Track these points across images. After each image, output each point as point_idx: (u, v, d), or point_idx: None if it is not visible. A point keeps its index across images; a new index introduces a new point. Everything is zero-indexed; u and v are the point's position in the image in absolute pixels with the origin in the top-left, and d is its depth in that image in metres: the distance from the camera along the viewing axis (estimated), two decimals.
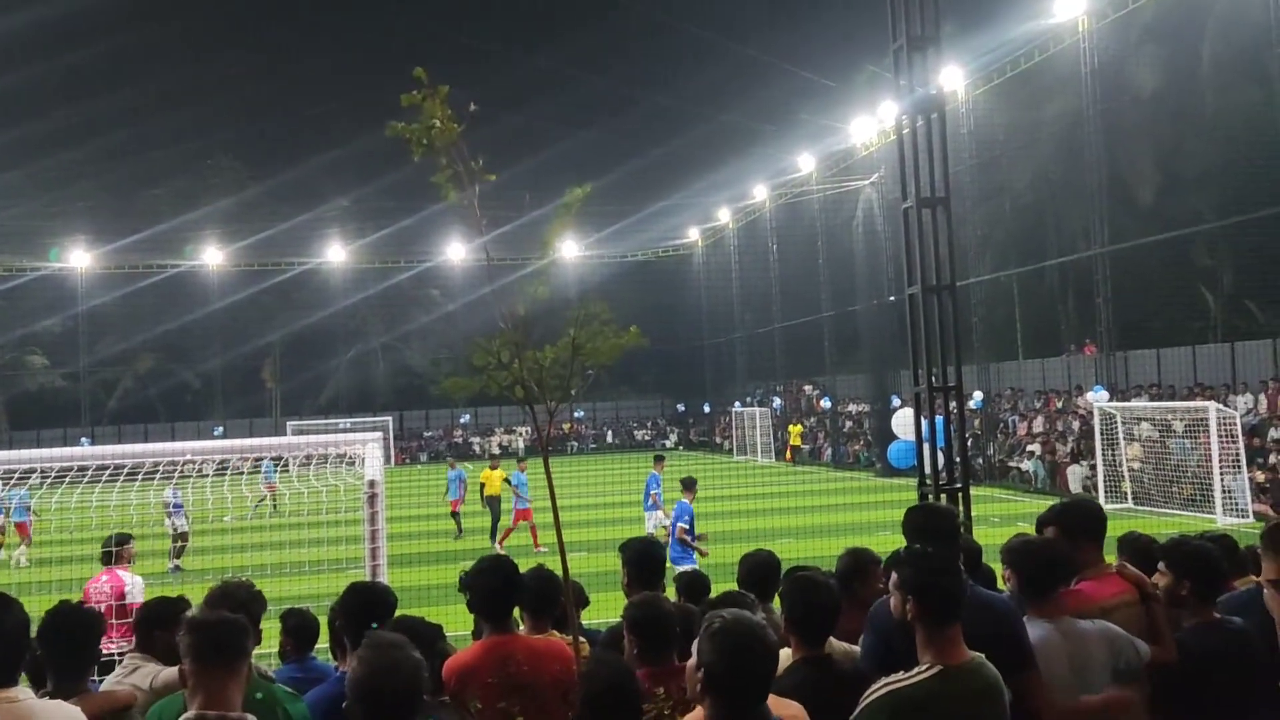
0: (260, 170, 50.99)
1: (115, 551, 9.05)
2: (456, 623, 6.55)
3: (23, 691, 3.42)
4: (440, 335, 65.07)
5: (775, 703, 3.47)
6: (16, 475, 9.03)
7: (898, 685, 3.47)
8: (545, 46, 49.31)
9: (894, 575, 3.75)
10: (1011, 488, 30.44)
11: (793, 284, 51.80)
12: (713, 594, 5.95)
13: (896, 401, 34.13)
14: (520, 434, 60.82)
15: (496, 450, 60.29)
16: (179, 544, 20.82)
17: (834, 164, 46.26)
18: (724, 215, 58.66)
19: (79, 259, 58.04)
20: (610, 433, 64.63)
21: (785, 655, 4.34)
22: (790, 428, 48.23)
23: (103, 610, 7.33)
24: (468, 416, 64.66)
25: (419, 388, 64.84)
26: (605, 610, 5.80)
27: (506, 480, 22.53)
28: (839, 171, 45.74)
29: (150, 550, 19.06)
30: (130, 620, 7.34)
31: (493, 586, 4.51)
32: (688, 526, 14.37)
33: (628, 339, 4.94)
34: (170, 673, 4.58)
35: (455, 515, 24.41)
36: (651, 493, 18.98)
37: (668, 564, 6.95)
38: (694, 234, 63.45)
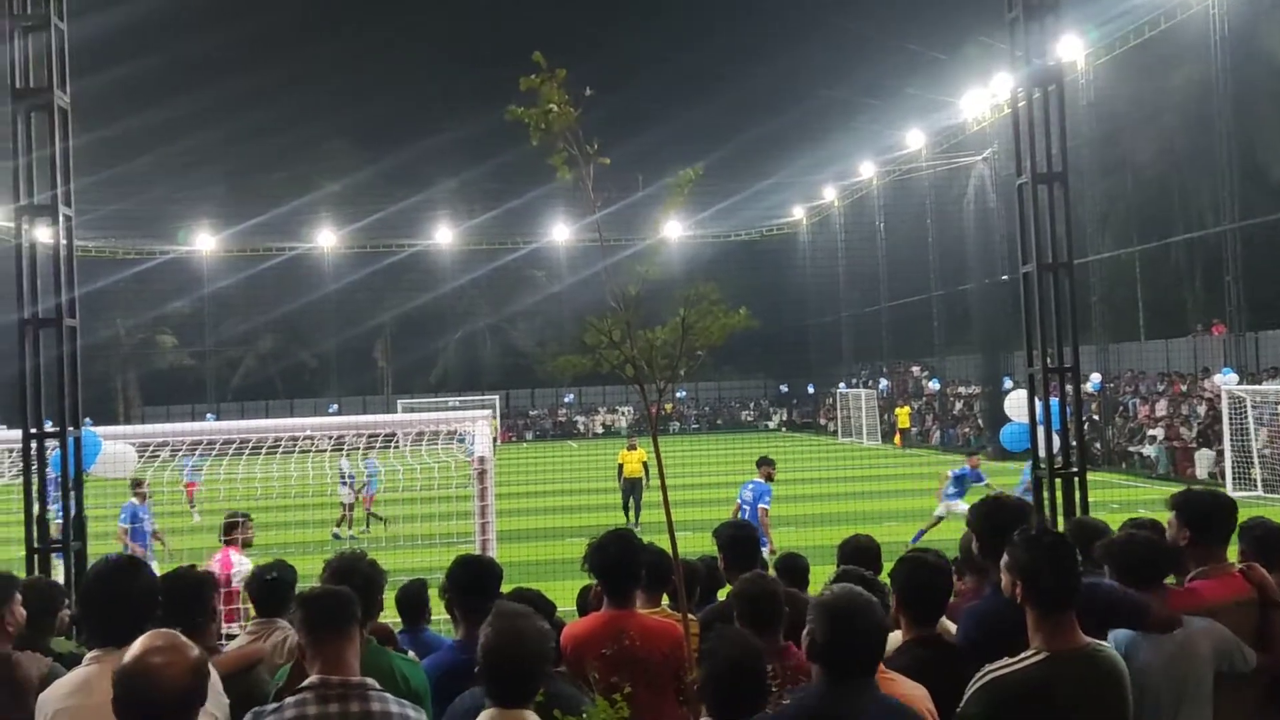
0: (372, 154, 52.19)
1: (232, 524, 9.25)
2: (564, 598, 6.66)
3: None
4: (546, 316, 65.89)
5: (899, 682, 3.46)
6: (185, 447, 9.43)
7: (1002, 672, 3.41)
8: (648, 26, 49.13)
9: (1005, 556, 3.70)
10: (1132, 474, 29.39)
11: (900, 263, 50.80)
12: (811, 577, 5.95)
13: (1009, 383, 33.25)
14: (623, 413, 61.26)
15: (600, 430, 60.93)
16: (347, 513, 21.77)
17: (944, 140, 45.10)
18: (829, 193, 57.82)
19: (204, 242, 60.58)
20: (712, 412, 64.62)
21: (895, 637, 4.33)
22: (897, 410, 47.40)
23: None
24: (572, 396, 65.41)
25: (525, 367, 65.82)
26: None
27: (644, 463, 22.48)
28: (949, 147, 44.58)
29: (309, 520, 19.63)
30: (236, 606, 7.68)
31: (614, 560, 4.59)
32: (768, 506, 13.98)
33: (737, 320, 4.95)
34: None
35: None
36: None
37: None
38: (798, 213, 62.73)
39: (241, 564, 9.27)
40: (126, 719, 2.67)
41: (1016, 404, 12.75)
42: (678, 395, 62.15)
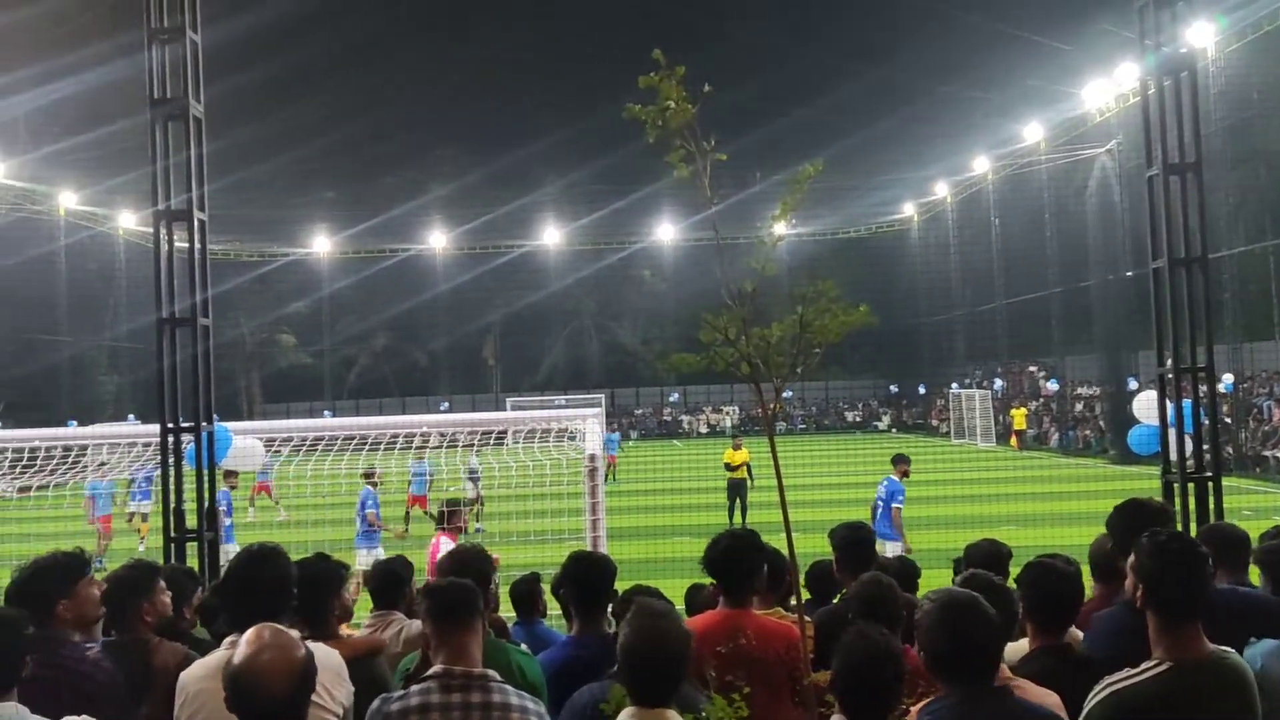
0: (481, 157, 53.13)
1: (447, 513, 9.48)
2: (672, 597, 6.65)
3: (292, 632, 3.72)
4: (651, 314, 66.19)
5: (1028, 689, 3.35)
6: (313, 442, 9.75)
7: (1122, 684, 3.25)
8: (765, 22, 48.72)
9: (1130, 558, 3.54)
10: (1266, 479, 27.97)
11: (1017, 259, 49.37)
12: (920, 581, 5.83)
13: (1133, 384, 32.02)
14: (728, 413, 61.07)
15: (705, 429, 60.87)
16: (475, 507, 22.18)
17: (1064, 132, 43.63)
18: (941, 189, 56.57)
19: (321, 245, 62.74)
20: (818, 413, 63.88)
21: (1021, 646, 4.20)
22: (1013, 411, 46.08)
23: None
24: (677, 395, 65.49)
25: (630, 365, 66.22)
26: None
27: (747, 465, 22.44)
28: (1070, 140, 43.11)
29: (421, 515, 20.01)
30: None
31: (733, 559, 4.56)
32: (901, 505, 13.92)
33: (856, 318, 4.87)
34: (416, 625, 4.90)
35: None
36: (893, 506, 14.23)
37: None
38: (909, 209, 61.56)
39: (449, 547, 9.44)
40: (239, 714, 2.75)
41: (1145, 405, 12.25)
42: (784, 395, 61.49)
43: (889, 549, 13.26)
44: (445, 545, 9.41)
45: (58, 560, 4.23)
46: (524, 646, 4.90)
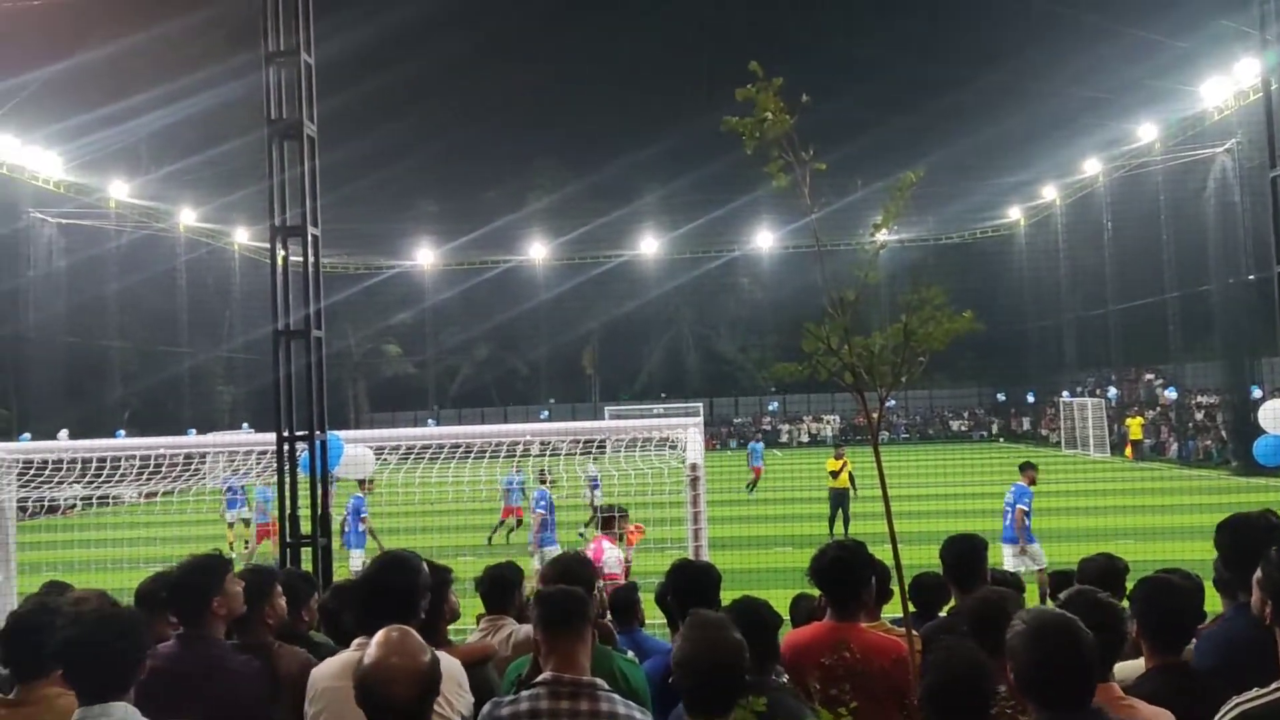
0: (580, 169, 53.86)
1: (605, 518, 9.62)
2: (779, 608, 6.60)
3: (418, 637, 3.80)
4: (749, 322, 65.97)
5: (1138, 708, 3.24)
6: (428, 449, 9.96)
7: (1252, 704, 3.09)
8: (864, 31, 48.34)
9: (1259, 572, 3.39)
10: None
11: (1129, 263, 47.66)
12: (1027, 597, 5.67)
13: (1257, 392, 30.61)
14: (829, 421, 60.34)
15: (805, 438, 60.26)
16: (596, 515, 22.32)
17: (1180, 131, 42.00)
18: (1049, 192, 55.05)
19: (425, 257, 64.30)
20: (922, 421, 62.69)
21: (1136, 665, 4.06)
22: (1128, 420, 44.44)
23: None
24: (776, 403, 65.01)
25: (728, 374, 66.02)
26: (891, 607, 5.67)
27: (850, 474, 22.29)
28: (1186, 139, 41.47)
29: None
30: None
31: (840, 572, 4.51)
32: (1028, 509, 13.91)
33: (961, 324, 4.80)
34: (525, 630, 4.97)
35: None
36: (1019, 506, 13.97)
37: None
38: (1015, 213, 60.04)
39: (611, 552, 9.61)
40: (367, 714, 2.83)
41: (1271, 415, 11.72)
42: (887, 404, 60.51)
43: (1031, 550, 13.67)
44: (607, 550, 9.54)
45: (208, 558, 4.42)
46: (630, 654, 4.92)
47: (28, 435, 32.77)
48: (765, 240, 62.19)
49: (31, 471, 10.16)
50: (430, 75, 45.78)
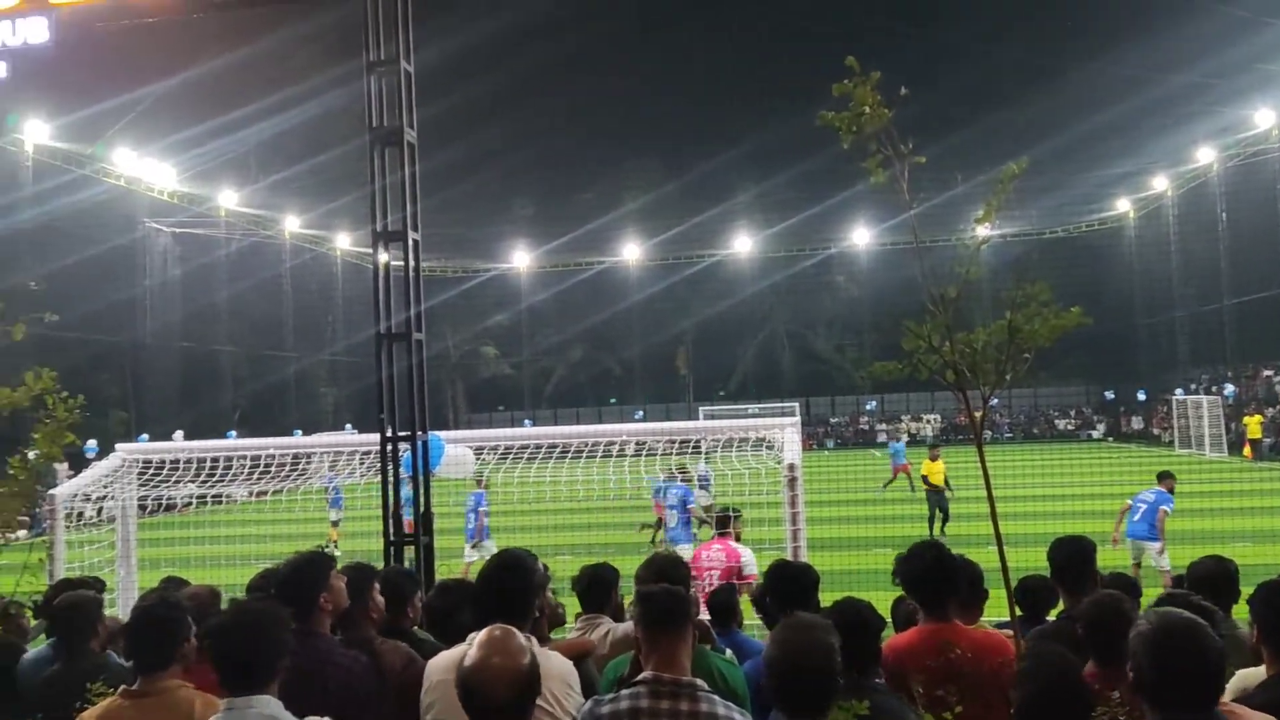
0: (674, 170, 53.92)
1: (722, 518, 9.69)
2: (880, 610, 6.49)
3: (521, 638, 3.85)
4: (845, 321, 65.14)
5: (1245, 717, 3.11)
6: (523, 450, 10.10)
7: None
8: (965, 23, 47.30)
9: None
10: None
11: (1246, 254, 45.66)
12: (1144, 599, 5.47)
13: None
14: (928, 421, 59.21)
15: (904, 438, 59.20)
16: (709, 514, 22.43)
17: None
18: (1159, 183, 53.08)
19: (520, 259, 65.23)
20: (1026, 421, 61.03)
21: (1257, 673, 3.89)
22: (1246, 418, 42.54)
23: (716, 576, 8.19)
24: (874, 403, 64.04)
25: (824, 373, 65.28)
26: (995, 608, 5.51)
27: (944, 475, 21.97)
28: None
29: (624, 522, 20.42)
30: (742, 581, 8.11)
31: (927, 572, 4.42)
32: (1170, 511, 14.10)
33: (1068, 320, 4.67)
34: (622, 629, 4.99)
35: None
36: (1163, 507, 14.17)
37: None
38: (1123, 204, 58.04)
39: (747, 553, 9.65)
40: (468, 712, 2.87)
41: None
42: (990, 403, 59.09)
43: (1150, 549, 13.89)
44: (743, 551, 9.55)
45: (314, 555, 4.54)
46: (729, 653, 4.90)
47: (146, 436, 34.23)
48: (862, 237, 61.36)
49: (150, 471, 10.59)
50: (526, 81, 46.34)
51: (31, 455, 4.76)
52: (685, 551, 14.27)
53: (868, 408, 64.32)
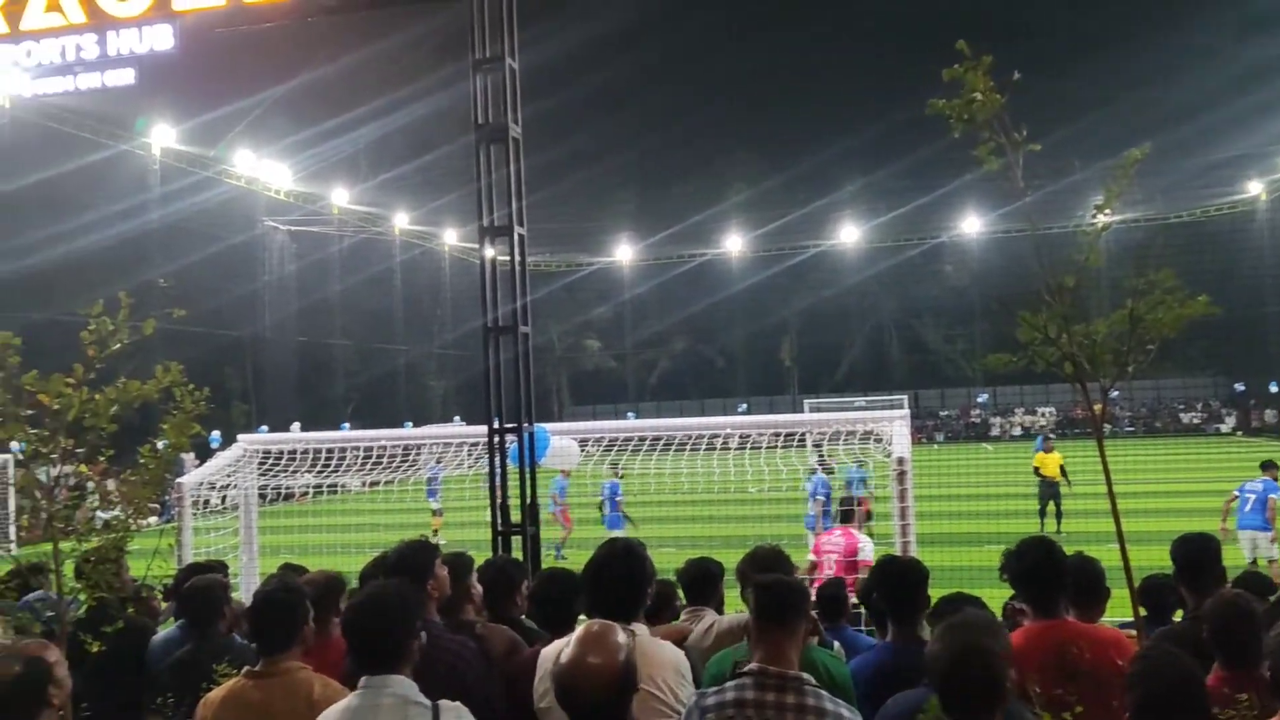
0: (777, 161, 53.43)
1: (844, 511, 9.78)
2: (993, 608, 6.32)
3: (639, 626, 3.89)
4: (955, 311, 63.59)
5: None
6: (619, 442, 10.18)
7: None
8: (1083, 9, 45.68)
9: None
10: None
11: None
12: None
13: None
14: (1043, 414, 57.46)
15: (1018, 431, 57.61)
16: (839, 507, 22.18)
17: None
18: None
19: (623, 253, 65.61)
20: (1149, 414, 58.70)
21: None
22: None
23: (833, 564, 8.29)
24: (985, 395, 62.41)
25: (933, 365, 63.95)
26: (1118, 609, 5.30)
27: (1062, 467, 21.38)
28: None
29: (731, 515, 20.36)
30: (856, 576, 8.21)
31: (1032, 568, 4.30)
32: (1279, 497, 13.74)
33: (1195, 309, 4.48)
34: (727, 621, 4.98)
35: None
36: (1271, 496, 13.94)
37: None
38: (1254, 187, 55.27)
39: (866, 541, 9.72)
40: (564, 708, 2.91)
41: None
42: (1110, 396, 57.05)
43: (1261, 540, 13.67)
44: (862, 540, 9.58)
45: (420, 543, 4.67)
46: (837, 646, 4.85)
47: (265, 428, 35.55)
48: (973, 225, 59.86)
49: (269, 461, 11.00)
50: (630, 76, 46.51)
51: (161, 445, 4.97)
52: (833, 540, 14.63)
53: (979, 400, 62.68)
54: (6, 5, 9.01)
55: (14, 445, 4.87)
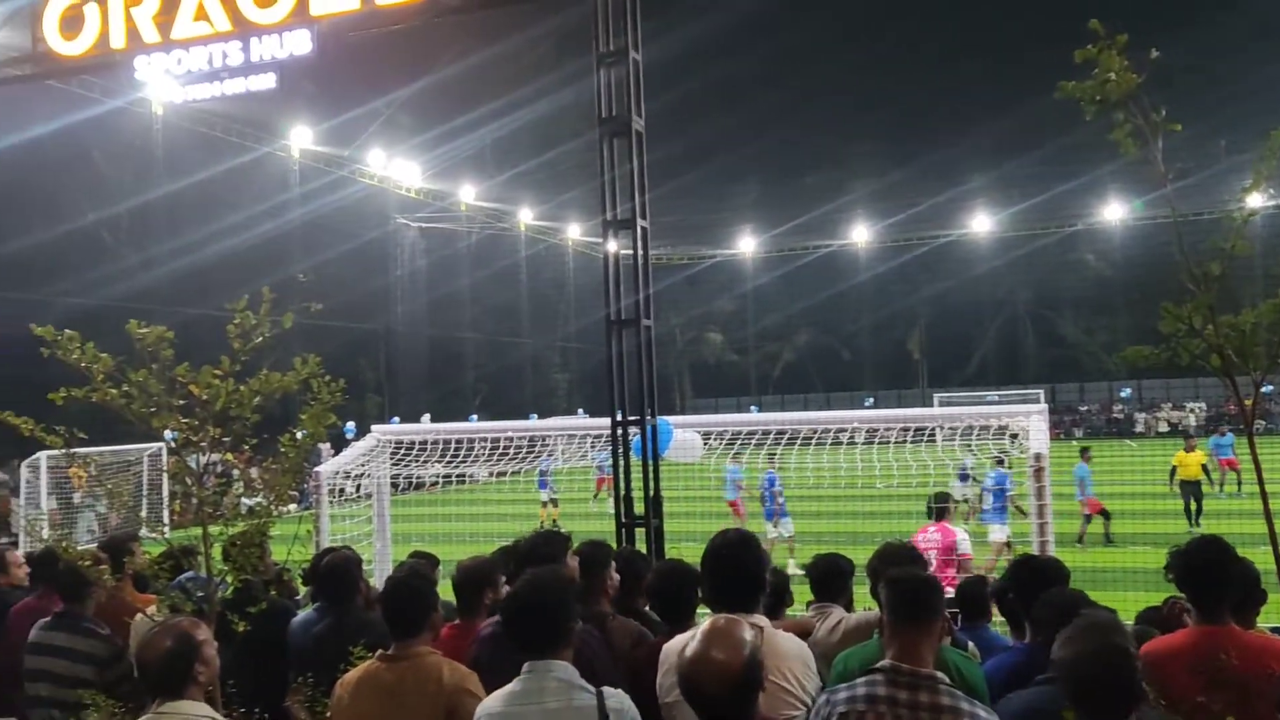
0: (905, 150, 52.13)
1: (940, 508, 9.73)
2: (1132, 610, 6.06)
3: (761, 619, 3.88)
4: (1095, 302, 61.00)
5: None
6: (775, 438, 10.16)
7: None
8: None
9: None
10: None
11: None
12: None
13: None
14: (1192, 410, 54.69)
15: (1164, 428, 54.94)
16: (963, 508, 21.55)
17: None
18: None
19: (745, 245, 65.22)
20: None
21: None
22: None
23: (935, 556, 8.27)
24: (1129, 390, 59.71)
25: (1071, 358, 61.55)
26: None
27: (1204, 466, 20.49)
28: None
29: (859, 511, 20.12)
30: (954, 572, 8.14)
31: (1200, 571, 4.09)
32: None
33: None
34: (854, 619, 4.91)
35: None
36: None
37: None
38: None
39: (962, 535, 9.64)
40: (688, 701, 2.91)
41: None
42: (1264, 390, 54.01)
43: None
44: (960, 533, 9.46)
45: (552, 533, 4.76)
46: (972, 646, 4.72)
47: (396, 419, 36.71)
48: (1113, 212, 57.34)
49: (401, 451, 11.34)
50: (753, 68, 46.06)
51: (299, 435, 5.17)
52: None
53: (1122, 395, 59.99)
54: (157, 15, 9.51)
55: (167, 434, 5.14)
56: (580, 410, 49.05)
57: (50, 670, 5.40)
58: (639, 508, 7.69)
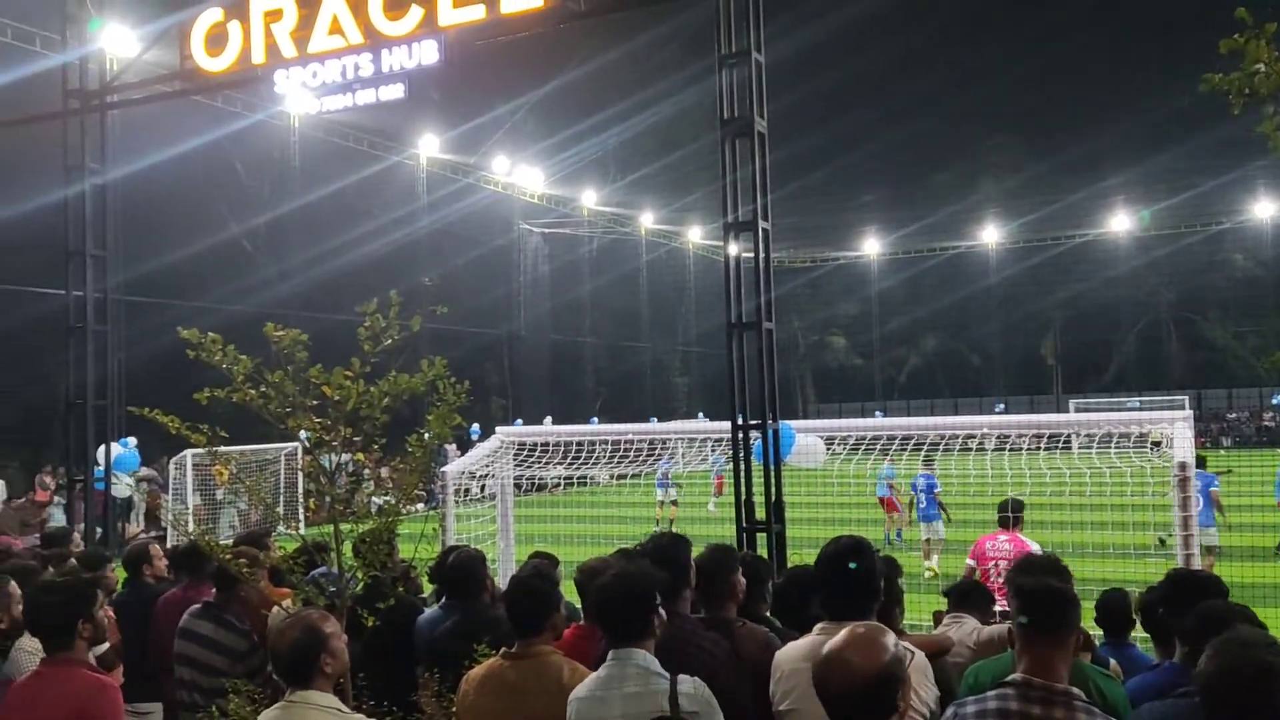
0: (1040, 147, 50.36)
1: (1014, 517, 9.51)
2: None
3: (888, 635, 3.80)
4: (1245, 304, 57.72)
5: None
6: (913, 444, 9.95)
7: None
8: None
9: None
10: None
11: None
12: None
13: None
14: None
15: None
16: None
17: None
18: None
19: (870, 247, 64.09)
20: None
21: None
22: None
23: (997, 567, 8.07)
24: None
25: (1219, 363, 58.40)
26: None
27: None
28: None
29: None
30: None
31: None
32: None
33: None
34: (991, 631, 4.73)
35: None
36: None
37: None
38: None
39: (1035, 546, 9.40)
40: (821, 700, 2.85)
41: None
42: None
43: None
44: (1033, 545, 9.13)
45: (676, 537, 4.76)
46: (1114, 664, 4.49)
47: (520, 421, 37.32)
48: (1263, 210, 54.22)
49: (524, 453, 11.49)
50: (878, 67, 45.25)
51: (426, 436, 5.27)
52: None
53: (1274, 401, 56.65)
54: (294, 31, 9.89)
55: (301, 434, 5.31)
56: (700, 414, 48.98)
57: (195, 658, 5.66)
58: (760, 513, 7.59)
